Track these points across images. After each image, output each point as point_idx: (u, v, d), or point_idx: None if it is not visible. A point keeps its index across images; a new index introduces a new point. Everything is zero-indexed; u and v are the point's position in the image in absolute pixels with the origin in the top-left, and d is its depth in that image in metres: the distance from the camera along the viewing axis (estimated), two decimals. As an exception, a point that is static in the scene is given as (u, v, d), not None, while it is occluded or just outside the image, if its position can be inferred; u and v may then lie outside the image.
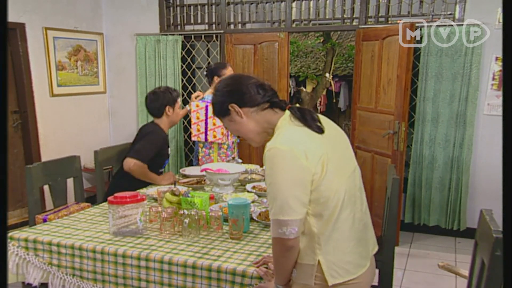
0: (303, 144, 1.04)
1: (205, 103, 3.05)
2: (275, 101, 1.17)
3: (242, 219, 1.54)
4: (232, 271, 1.30)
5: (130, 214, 1.52)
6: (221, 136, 3.03)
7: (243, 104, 1.16)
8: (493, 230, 1.24)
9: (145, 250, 1.44)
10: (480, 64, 2.86)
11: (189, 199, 1.66)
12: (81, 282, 1.50)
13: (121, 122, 4.19)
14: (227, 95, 1.18)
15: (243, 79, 1.20)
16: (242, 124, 1.18)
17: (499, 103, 2.88)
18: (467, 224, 3.07)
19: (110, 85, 4.15)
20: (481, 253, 1.36)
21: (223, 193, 2.08)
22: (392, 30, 2.84)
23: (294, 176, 1.02)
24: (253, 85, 1.16)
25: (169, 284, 1.39)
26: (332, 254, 1.07)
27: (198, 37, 3.76)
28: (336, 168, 1.07)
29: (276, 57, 3.52)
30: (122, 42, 3.99)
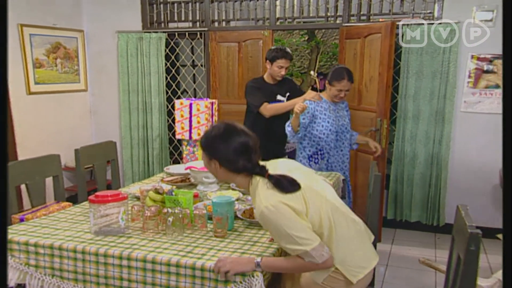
0: (283, 197, 1.23)
1: (189, 101, 3.02)
2: (253, 172, 1.31)
3: (226, 217, 1.54)
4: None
5: (111, 213, 1.49)
6: (205, 134, 3.01)
7: (224, 165, 1.33)
8: (468, 226, 1.25)
9: (127, 249, 1.41)
10: (457, 62, 2.93)
11: (173, 197, 1.64)
12: (61, 282, 1.47)
13: (103, 121, 4.11)
14: (216, 150, 1.33)
15: (236, 144, 1.31)
16: (215, 171, 1.37)
17: (475, 100, 2.97)
18: (446, 219, 3.14)
19: (92, 83, 4.07)
20: (457, 248, 1.38)
21: (207, 191, 2.07)
22: (374, 28, 2.88)
23: (291, 219, 1.21)
24: (241, 155, 1.30)
25: (153, 283, 1.37)
26: (345, 259, 1.29)
27: (182, 35, 3.73)
28: (315, 195, 1.29)
29: (260, 55, 3.51)
30: (104, 40, 3.92)
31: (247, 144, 1.32)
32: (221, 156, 1.32)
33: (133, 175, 3.97)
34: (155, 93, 3.79)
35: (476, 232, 1.20)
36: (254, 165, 1.32)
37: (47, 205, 2.15)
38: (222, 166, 1.33)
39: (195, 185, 2.18)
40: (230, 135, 1.33)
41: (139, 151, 3.92)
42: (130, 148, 3.95)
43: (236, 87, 3.64)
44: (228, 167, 1.33)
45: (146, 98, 3.84)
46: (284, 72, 2.75)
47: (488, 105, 2.93)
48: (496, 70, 2.86)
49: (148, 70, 3.76)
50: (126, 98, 3.89)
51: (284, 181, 1.25)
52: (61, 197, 2.32)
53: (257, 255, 1.37)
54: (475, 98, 2.96)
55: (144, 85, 3.81)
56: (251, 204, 1.83)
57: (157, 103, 3.80)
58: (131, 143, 3.94)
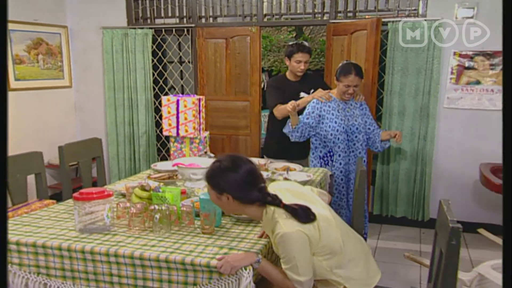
0: (302, 226, 1.28)
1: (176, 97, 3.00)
2: (265, 201, 1.33)
3: (213, 214, 1.53)
4: (206, 264, 1.29)
5: (97, 211, 1.47)
6: (193, 131, 2.99)
7: (236, 197, 1.32)
8: (449, 220, 1.27)
9: (113, 247, 1.40)
10: (441, 59, 2.99)
11: (160, 194, 1.63)
12: (47, 280, 1.44)
13: (88, 117, 4.05)
14: (226, 183, 1.31)
15: (246, 175, 1.32)
16: (227, 205, 1.36)
17: (457, 96, 3.03)
18: (430, 214, 3.21)
19: (76, 79, 3.99)
20: (440, 242, 1.41)
21: (195, 188, 2.06)
22: (360, 25, 2.91)
23: (303, 249, 1.28)
24: (251, 186, 1.31)
25: (144, 277, 1.36)
26: (353, 277, 1.38)
27: (169, 31, 3.69)
28: (327, 224, 1.35)
29: (248, 51, 3.51)
30: (88, 36, 3.85)
31: (254, 171, 1.34)
32: (232, 190, 1.31)
33: (120, 172, 3.92)
34: (141, 90, 3.75)
35: (457, 226, 1.22)
36: (265, 194, 1.33)
37: (28, 203, 2.11)
38: (235, 199, 1.32)
39: (183, 182, 2.16)
40: (237, 166, 1.32)
41: (125, 148, 3.88)
42: (116, 145, 3.90)
43: (224, 84, 3.62)
44: (241, 200, 1.32)
45: (132, 95, 3.79)
46: (303, 66, 2.66)
47: (469, 101, 3.00)
48: (476, 67, 2.92)
49: (134, 67, 3.72)
50: (112, 95, 3.83)
51: (300, 211, 1.29)
52: (44, 195, 2.27)
53: (245, 251, 1.38)
54: (457, 94, 3.03)
55: (130, 82, 3.76)
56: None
57: (144, 99, 3.76)
58: (117, 140, 3.89)
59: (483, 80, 2.92)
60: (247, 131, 3.63)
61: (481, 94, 2.95)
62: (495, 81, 2.89)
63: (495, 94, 2.91)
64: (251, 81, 3.55)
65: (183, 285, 1.33)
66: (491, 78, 2.90)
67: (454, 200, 2.86)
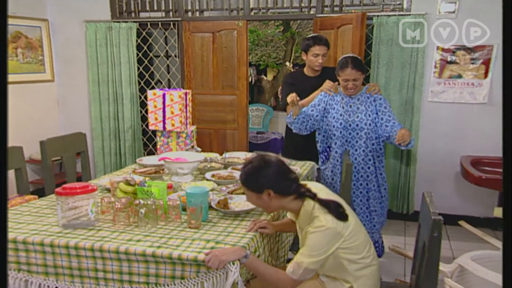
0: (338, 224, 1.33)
1: (162, 91, 2.96)
2: (302, 193, 1.38)
3: (200, 208, 1.53)
4: (193, 258, 1.29)
5: (80, 206, 1.45)
6: (179, 125, 2.97)
7: (277, 191, 1.36)
8: (431, 212, 1.29)
9: (98, 242, 1.38)
10: (425, 53, 3.03)
11: (146, 189, 1.61)
12: (29, 276, 1.41)
13: (72, 112, 3.97)
14: (265, 179, 1.35)
15: (280, 169, 1.37)
16: (268, 202, 1.38)
17: (440, 90, 3.08)
18: (415, 207, 3.27)
19: (59, 73, 3.91)
20: (423, 235, 1.44)
21: (182, 182, 2.05)
22: (346, 19, 2.92)
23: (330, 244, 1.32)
24: (287, 178, 1.37)
25: (130, 272, 1.35)
26: (361, 281, 1.40)
27: (155, 25, 3.63)
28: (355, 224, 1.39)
29: (235, 45, 3.49)
30: (71, 29, 3.78)
31: (283, 163, 1.40)
32: (272, 183, 1.35)
33: (105, 167, 3.87)
34: (126, 84, 3.69)
35: (439, 219, 1.24)
36: (299, 185, 1.39)
37: (8, 199, 2.06)
38: (275, 193, 1.35)
39: (170, 177, 2.15)
40: (268, 161, 1.37)
41: (110, 142, 3.83)
42: (101, 140, 3.84)
43: (211, 78, 3.60)
44: (281, 193, 1.36)
45: (117, 89, 3.73)
46: (321, 60, 2.53)
47: (452, 94, 3.06)
48: (458, 61, 2.98)
49: (119, 61, 3.66)
50: (96, 89, 3.77)
51: (334, 206, 1.35)
52: (25, 190, 2.22)
53: (232, 245, 1.37)
54: (440, 88, 3.08)
55: (115, 76, 3.71)
56: (226, 194, 1.84)
57: (129, 93, 3.70)
58: (102, 134, 3.83)
59: (464, 74, 2.98)
60: (235, 125, 3.62)
61: (462, 88, 3.01)
62: (475, 75, 2.96)
63: (475, 87, 2.98)
64: (238, 75, 3.53)
65: (170, 279, 1.32)
66: (471, 72, 2.96)
67: (437, 193, 2.93)
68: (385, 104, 2.31)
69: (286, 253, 1.81)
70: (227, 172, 2.19)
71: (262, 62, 6.94)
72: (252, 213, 1.67)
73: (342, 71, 2.22)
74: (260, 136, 5.85)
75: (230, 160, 2.46)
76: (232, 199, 1.77)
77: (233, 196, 1.80)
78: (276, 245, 1.67)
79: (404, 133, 2.10)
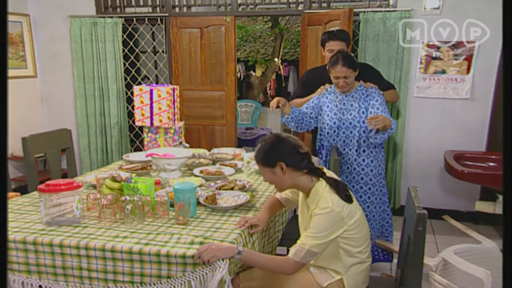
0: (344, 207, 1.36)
1: (149, 87, 2.93)
2: (313, 169, 1.42)
3: (188, 204, 1.52)
4: (182, 255, 1.28)
5: (65, 202, 1.42)
6: (167, 121, 2.94)
7: (289, 164, 1.39)
8: (416, 206, 1.30)
9: (84, 239, 1.36)
10: (411, 49, 3.07)
11: (132, 185, 1.59)
12: (11, 274, 1.38)
13: (57, 108, 3.89)
14: (278, 153, 1.40)
15: (292, 143, 1.42)
16: (281, 177, 1.41)
17: (425, 85, 3.13)
18: (401, 202, 3.32)
19: (42, 69, 3.82)
20: (408, 229, 1.46)
21: (170, 178, 2.03)
22: (334, 15, 2.93)
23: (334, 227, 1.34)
24: (299, 153, 1.41)
25: (114, 271, 1.33)
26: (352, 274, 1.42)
27: (141, 20, 3.58)
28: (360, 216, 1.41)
29: (223, 41, 3.47)
30: (54, 25, 3.70)
31: (295, 138, 1.45)
32: (285, 156, 1.39)
33: (91, 163, 3.81)
34: (112, 80, 3.64)
35: (423, 213, 1.25)
36: (310, 161, 1.42)
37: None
38: (288, 166, 1.39)
39: (157, 173, 2.13)
40: (283, 138, 1.43)
41: (97, 139, 3.77)
42: (87, 136, 3.78)
43: (199, 74, 3.57)
44: (294, 166, 1.39)
45: (103, 85, 3.67)
46: None
47: (436, 90, 3.11)
48: (442, 57, 3.03)
49: (104, 56, 3.61)
50: (82, 85, 3.70)
51: (341, 186, 1.40)
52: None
53: (220, 240, 1.37)
54: (426, 84, 3.13)
55: (101, 71, 3.65)
56: (214, 190, 1.83)
57: (115, 89, 3.65)
58: (88, 131, 3.77)
59: (448, 69, 3.04)
60: (223, 121, 3.61)
61: (446, 83, 3.07)
62: (458, 71, 3.02)
63: (458, 83, 3.04)
64: (226, 71, 3.52)
65: (156, 278, 1.30)
66: (454, 67, 3.02)
67: (423, 188, 2.99)
68: (378, 96, 2.19)
69: (274, 248, 1.82)
70: (215, 168, 2.18)
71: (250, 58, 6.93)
72: (240, 208, 1.67)
73: (333, 68, 2.14)
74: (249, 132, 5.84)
75: (218, 156, 2.45)
76: (220, 194, 1.76)
77: (221, 192, 1.80)
78: (263, 240, 1.67)
79: (380, 117, 1.96)
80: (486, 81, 2.99)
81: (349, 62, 2.12)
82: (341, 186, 1.40)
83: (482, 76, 2.99)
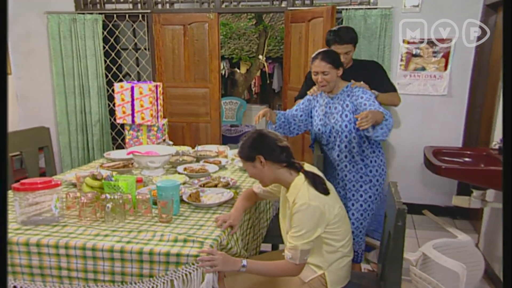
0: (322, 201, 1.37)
1: (130, 84, 2.87)
2: (292, 163, 1.44)
3: (171, 201, 1.50)
4: (166, 253, 1.26)
5: (42, 201, 1.38)
6: (150, 118, 2.89)
7: (268, 158, 1.41)
8: (396, 201, 1.32)
9: (64, 238, 1.32)
10: (392, 46, 3.12)
11: (113, 183, 1.56)
12: None
13: (34, 106, 3.78)
14: (258, 147, 1.42)
15: (272, 138, 1.44)
16: (261, 171, 1.43)
17: (406, 82, 3.18)
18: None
19: (17, 66, 3.71)
20: (388, 224, 1.46)
21: (153, 176, 2.00)
22: (317, 12, 2.94)
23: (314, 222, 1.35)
24: (278, 146, 1.42)
25: (95, 270, 1.30)
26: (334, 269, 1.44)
27: (122, 17, 3.51)
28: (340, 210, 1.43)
29: (206, 38, 3.44)
30: (30, 21, 3.59)
31: (275, 134, 1.47)
32: (264, 150, 1.41)
33: (72, 162, 3.73)
34: (93, 77, 3.56)
35: (403, 208, 1.27)
36: (290, 154, 1.44)
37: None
38: (267, 160, 1.41)
39: (139, 171, 2.09)
40: (263, 133, 1.45)
41: (77, 137, 3.69)
42: (67, 134, 3.69)
43: (183, 71, 3.54)
44: (272, 159, 1.41)
45: (83, 82, 3.59)
46: (342, 59, 2.10)
47: (417, 86, 3.18)
48: (422, 54, 3.10)
49: (84, 53, 3.53)
50: (61, 82, 3.61)
51: (318, 180, 1.41)
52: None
53: (203, 238, 1.35)
54: (406, 80, 3.19)
55: (81, 69, 3.56)
56: (198, 187, 1.81)
57: (96, 87, 3.57)
58: (69, 128, 3.68)
59: (427, 66, 3.11)
60: (207, 118, 3.58)
61: (426, 80, 3.14)
62: (437, 68, 3.09)
63: (437, 79, 3.11)
64: (210, 68, 3.49)
65: (138, 277, 1.28)
66: (433, 64, 3.09)
67: (404, 183, 3.04)
68: (362, 93, 1.96)
69: (259, 246, 1.82)
70: (199, 166, 2.16)
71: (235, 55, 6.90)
72: (224, 205, 1.66)
73: (312, 63, 2.00)
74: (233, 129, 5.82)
75: (202, 153, 2.43)
76: (204, 192, 1.75)
77: (205, 189, 1.78)
78: (247, 237, 1.67)
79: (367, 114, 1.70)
80: (462, 78, 3.08)
81: (329, 58, 1.95)
82: (318, 180, 1.41)
83: (458, 73, 3.08)
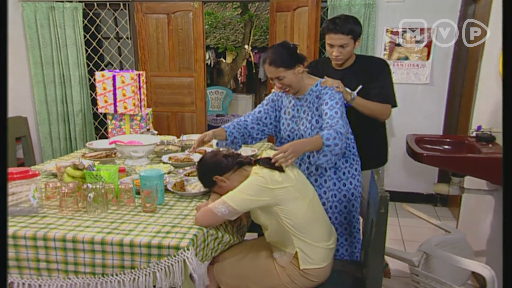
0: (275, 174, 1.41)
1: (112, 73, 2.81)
2: (241, 161, 1.50)
3: (155, 191, 1.48)
4: (147, 244, 1.24)
5: (19, 191, 1.34)
6: (133, 107, 2.84)
7: (221, 172, 1.48)
8: (379, 189, 1.32)
9: (42, 229, 1.29)
10: (375, 36, 3.14)
11: (94, 173, 1.53)
12: None
13: (11, 96, 3.65)
14: (210, 171, 1.50)
15: (215, 156, 1.52)
16: (227, 187, 1.47)
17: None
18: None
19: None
20: (371, 212, 1.48)
21: (136, 166, 1.97)
22: (302, 1, 2.92)
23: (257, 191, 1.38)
24: (223, 157, 1.50)
25: (75, 262, 1.28)
26: (306, 248, 1.43)
27: (103, 5, 3.41)
28: (299, 192, 1.43)
29: (191, 27, 3.38)
30: (3, 9, 3.44)
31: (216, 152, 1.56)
32: (215, 171, 1.49)
33: (54, 152, 3.64)
34: (74, 66, 3.46)
35: (385, 195, 1.28)
36: (235, 156, 1.52)
37: None
38: (221, 175, 1.49)
39: (122, 160, 2.06)
40: (203, 160, 1.55)
41: (59, 127, 3.60)
42: (48, 124, 3.60)
43: (167, 60, 3.48)
44: (225, 171, 1.48)
45: (63, 71, 3.49)
46: (336, 53, 1.80)
47: (400, 75, 3.22)
48: (405, 44, 3.14)
49: (64, 42, 3.43)
50: (39, 71, 3.50)
51: (267, 160, 1.46)
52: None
53: (188, 227, 1.34)
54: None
55: (61, 58, 3.47)
56: (182, 177, 1.80)
57: (77, 76, 3.48)
58: (49, 118, 3.59)
59: (410, 56, 3.15)
60: (193, 108, 3.55)
61: (409, 69, 3.18)
62: (419, 57, 3.14)
63: (419, 68, 3.16)
64: (195, 58, 3.44)
65: (119, 268, 1.26)
66: (416, 54, 3.13)
67: (388, 172, 3.09)
68: (329, 98, 1.59)
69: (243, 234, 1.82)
70: (184, 155, 2.14)
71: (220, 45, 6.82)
72: (208, 194, 1.65)
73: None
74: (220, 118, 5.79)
75: (188, 142, 2.40)
76: (188, 181, 1.74)
77: (189, 178, 1.77)
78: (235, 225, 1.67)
79: (287, 148, 1.41)
80: (443, 67, 3.13)
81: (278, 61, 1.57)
82: (268, 161, 1.44)
83: (439, 62, 3.13)
